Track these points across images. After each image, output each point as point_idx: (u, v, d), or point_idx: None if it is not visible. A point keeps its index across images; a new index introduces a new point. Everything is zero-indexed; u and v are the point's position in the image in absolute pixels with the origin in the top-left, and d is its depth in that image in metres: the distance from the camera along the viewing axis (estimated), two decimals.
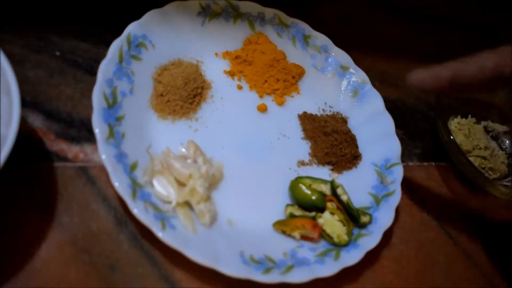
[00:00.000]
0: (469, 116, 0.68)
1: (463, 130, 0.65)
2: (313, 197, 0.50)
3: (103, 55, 0.50)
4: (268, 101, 0.59)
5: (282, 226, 0.49)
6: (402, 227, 0.55)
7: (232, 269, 0.43)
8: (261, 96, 0.58)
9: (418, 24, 0.81)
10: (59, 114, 0.49)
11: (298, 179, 0.52)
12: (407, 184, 0.58)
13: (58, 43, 0.53)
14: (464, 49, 0.78)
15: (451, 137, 0.57)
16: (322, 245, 0.49)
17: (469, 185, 0.61)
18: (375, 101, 0.61)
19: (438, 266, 0.54)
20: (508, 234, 0.58)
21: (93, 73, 0.51)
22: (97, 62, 0.49)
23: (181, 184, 0.46)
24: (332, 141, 0.56)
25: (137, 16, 0.54)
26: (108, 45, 0.50)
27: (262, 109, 0.57)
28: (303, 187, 0.51)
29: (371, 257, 0.50)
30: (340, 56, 0.63)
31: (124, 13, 0.55)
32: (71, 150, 0.47)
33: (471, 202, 0.60)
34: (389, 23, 0.79)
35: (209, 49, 0.59)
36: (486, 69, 0.44)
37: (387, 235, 0.51)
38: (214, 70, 0.58)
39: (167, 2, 0.56)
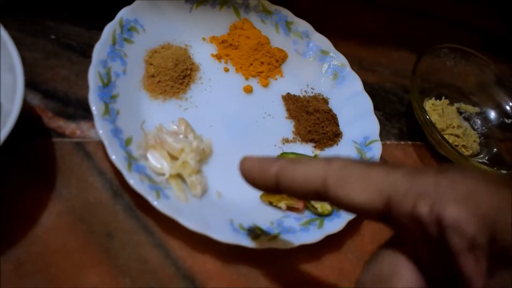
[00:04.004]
0: (443, 98, 0.72)
1: (437, 111, 0.69)
2: None
3: (95, 39, 0.52)
4: (254, 83, 0.62)
5: (269, 198, 0.52)
6: None
7: (223, 235, 0.45)
8: (246, 78, 0.61)
9: (391, 13, 0.85)
10: (56, 93, 0.51)
11: (283, 155, 0.54)
12: (385, 162, 0.62)
13: (53, 27, 0.55)
14: (433, 37, 0.83)
15: (427, 116, 0.61)
16: (307, 215, 0.52)
17: (444, 163, 0.65)
18: (354, 83, 0.64)
19: None
20: None
21: (86, 55, 0.54)
22: (90, 45, 0.51)
23: (173, 157, 0.49)
24: (314, 120, 0.59)
25: (126, 2, 0.56)
26: (100, 29, 0.53)
27: (248, 90, 0.60)
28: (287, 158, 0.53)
29: (352, 227, 0.53)
30: (320, 41, 0.66)
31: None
32: (68, 127, 0.50)
33: None
34: (364, 12, 0.83)
35: (196, 34, 0.62)
36: (312, 179, 0.34)
37: None
38: (202, 53, 0.61)
39: None
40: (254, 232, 0.48)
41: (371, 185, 0.31)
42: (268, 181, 0.36)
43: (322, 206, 0.51)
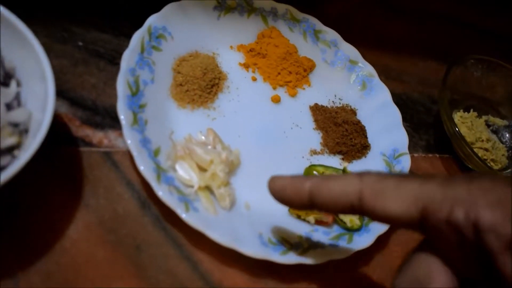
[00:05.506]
0: (471, 110, 0.70)
1: (466, 123, 0.68)
2: None
3: (123, 46, 0.51)
4: (281, 92, 0.61)
5: (297, 211, 0.51)
6: None
7: (252, 250, 0.45)
8: (274, 88, 0.61)
9: (417, 21, 0.85)
10: (83, 101, 0.50)
11: (311, 167, 0.54)
12: (415, 173, 0.61)
13: (81, 34, 0.55)
14: (460, 45, 0.82)
15: (457, 129, 0.60)
16: (335, 230, 0.51)
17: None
18: (383, 94, 0.63)
19: None
20: None
21: (114, 63, 0.53)
22: (118, 52, 0.51)
23: (201, 169, 0.48)
24: (342, 131, 0.58)
25: (153, 10, 0.55)
26: (127, 36, 0.52)
27: (276, 100, 0.59)
28: (317, 174, 0.53)
29: (381, 242, 0.52)
30: (348, 50, 0.66)
31: (141, 6, 0.57)
32: (96, 136, 0.49)
33: None
34: (390, 20, 0.82)
35: (224, 42, 0.61)
36: (346, 193, 0.36)
37: None
38: (230, 62, 0.60)
39: None
40: (283, 247, 0.47)
41: (407, 196, 0.33)
42: (302, 198, 0.38)
43: (352, 221, 0.51)
